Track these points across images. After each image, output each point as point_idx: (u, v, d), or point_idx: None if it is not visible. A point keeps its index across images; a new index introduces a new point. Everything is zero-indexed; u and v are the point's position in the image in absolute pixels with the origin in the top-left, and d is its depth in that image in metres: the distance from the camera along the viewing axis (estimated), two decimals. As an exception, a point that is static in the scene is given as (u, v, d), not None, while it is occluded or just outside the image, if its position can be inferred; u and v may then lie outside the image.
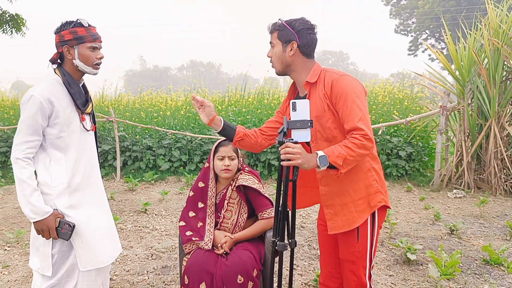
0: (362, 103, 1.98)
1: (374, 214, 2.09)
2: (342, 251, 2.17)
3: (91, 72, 2.28)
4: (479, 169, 7.20)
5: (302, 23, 2.10)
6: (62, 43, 2.19)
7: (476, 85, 6.98)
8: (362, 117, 1.93)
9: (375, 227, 2.10)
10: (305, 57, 2.13)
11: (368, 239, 2.09)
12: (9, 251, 4.26)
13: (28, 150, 2.12)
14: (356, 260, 2.10)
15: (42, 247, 2.20)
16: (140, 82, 42.78)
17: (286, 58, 2.12)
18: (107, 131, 9.13)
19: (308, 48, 2.11)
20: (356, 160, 1.92)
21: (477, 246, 4.34)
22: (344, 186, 2.08)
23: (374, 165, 2.10)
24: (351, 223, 2.06)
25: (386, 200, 2.11)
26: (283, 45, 2.11)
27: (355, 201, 2.06)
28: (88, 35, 2.21)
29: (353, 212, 2.06)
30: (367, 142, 1.89)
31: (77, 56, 2.20)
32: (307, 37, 2.09)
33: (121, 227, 5.06)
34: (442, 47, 30.80)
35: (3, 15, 8.22)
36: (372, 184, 2.07)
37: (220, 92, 13.22)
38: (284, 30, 2.10)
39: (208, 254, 2.58)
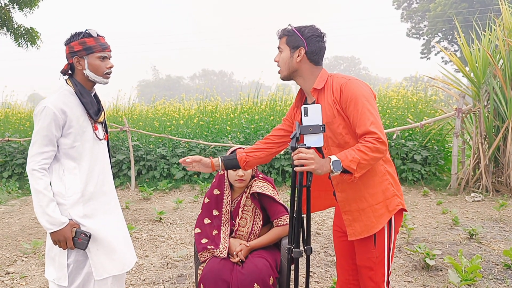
0: (373, 106, 1.96)
1: (391, 219, 2.06)
2: (360, 257, 2.13)
3: (101, 82, 2.29)
4: (497, 172, 7.08)
5: (312, 30, 2.10)
6: (72, 54, 2.21)
7: (492, 87, 6.88)
8: (374, 121, 1.91)
9: (392, 232, 2.07)
10: (312, 64, 2.12)
11: (386, 244, 2.05)
12: (26, 262, 4.30)
13: (44, 161, 2.13)
14: (374, 266, 2.07)
15: (57, 257, 2.20)
16: (153, 92, 43.18)
17: (293, 64, 2.11)
18: (121, 141, 9.20)
19: (316, 56, 2.10)
20: (370, 164, 1.89)
21: (497, 250, 4.24)
22: (360, 191, 2.05)
23: (388, 169, 2.08)
24: (369, 228, 2.03)
25: (403, 203, 2.08)
26: (291, 50, 2.11)
27: (373, 206, 2.03)
28: (97, 45, 2.22)
29: (371, 217, 2.03)
30: (381, 145, 1.87)
31: (87, 66, 2.22)
32: (315, 44, 2.08)
33: (136, 236, 5.07)
34: (455, 49, 30.53)
35: (18, 29, 8.38)
36: (388, 188, 2.04)
37: (233, 100, 13.28)
38: (293, 36, 2.10)
39: (223, 262, 2.56)
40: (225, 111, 10.36)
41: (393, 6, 35.64)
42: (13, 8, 8.36)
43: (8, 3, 8.29)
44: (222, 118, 9.82)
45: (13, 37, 8.39)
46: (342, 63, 72.91)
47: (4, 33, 8.39)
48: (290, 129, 2.34)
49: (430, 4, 30.94)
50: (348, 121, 2.01)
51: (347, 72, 70.74)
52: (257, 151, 2.39)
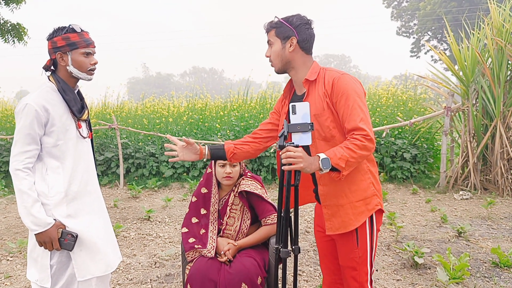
0: (363, 103, 1.94)
1: (372, 217, 2.04)
2: (342, 257, 2.11)
3: (85, 78, 2.23)
4: (485, 170, 7.13)
5: (299, 18, 2.07)
6: (55, 49, 2.14)
7: (481, 85, 6.93)
8: (363, 118, 1.89)
9: (373, 231, 2.05)
10: (304, 52, 2.09)
11: (368, 243, 2.04)
12: (12, 261, 4.23)
13: (28, 160, 2.07)
14: (357, 266, 2.05)
15: (40, 258, 2.15)
16: (142, 89, 42.91)
17: (286, 55, 2.07)
18: (109, 138, 9.11)
19: (307, 43, 2.07)
20: (358, 161, 1.88)
21: (485, 248, 4.26)
22: (341, 186, 2.02)
23: (371, 168, 2.06)
24: (347, 225, 2.01)
25: (382, 204, 2.08)
26: (282, 41, 2.07)
27: (352, 203, 2.01)
28: (81, 41, 2.16)
29: (349, 214, 2.01)
30: (368, 143, 1.85)
31: (70, 62, 2.16)
32: (305, 32, 2.05)
33: (124, 235, 5.01)
34: (444, 48, 30.73)
35: (5, 24, 8.23)
36: (369, 186, 2.03)
37: (223, 97, 13.22)
38: (282, 27, 2.06)
39: (211, 262, 2.53)
40: (215, 108, 10.31)
41: (383, 5, 35.78)
42: (-1, 3, 8.22)
43: (-7, -2, 8.15)
44: (212, 116, 9.77)
45: (0, 33, 8.25)
46: (333, 61, 73.13)
47: (-10, 29, 8.25)
48: (277, 123, 2.30)
49: (420, 3, 31.12)
50: (336, 116, 1.98)
51: (337, 70, 70.97)
52: (245, 144, 2.35)
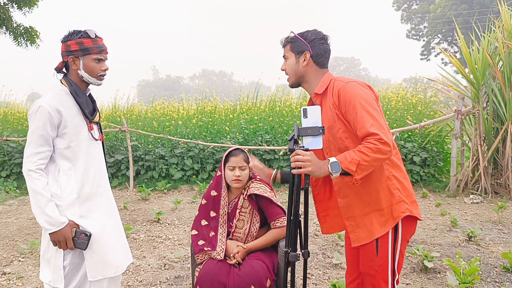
0: (372, 107, 1.90)
1: (397, 226, 1.98)
2: (362, 264, 2.09)
3: (95, 83, 2.28)
4: (496, 174, 7.07)
5: (314, 33, 2.09)
6: (68, 53, 2.18)
7: (491, 88, 6.87)
8: (374, 122, 1.85)
9: (397, 240, 1.99)
10: (318, 67, 2.10)
11: (390, 253, 1.98)
12: (23, 262, 4.28)
13: (40, 161, 2.11)
14: (376, 274, 2.01)
15: (53, 259, 2.18)
16: (152, 92, 43.15)
17: (300, 69, 2.10)
18: (119, 141, 9.18)
19: (321, 58, 2.09)
20: (372, 165, 1.83)
21: (496, 253, 4.23)
22: (361, 196, 2.00)
23: (395, 173, 2.00)
24: (372, 234, 1.98)
25: (412, 209, 1.98)
26: (296, 56, 2.11)
27: (376, 211, 1.98)
28: (94, 47, 2.20)
29: (374, 223, 1.98)
30: (383, 146, 1.80)
31: (82, 67, 2.20)
32: (319, 47, 2.07)
33: (134, 237, 5.05)
34: (455, 51, 30.54)
35: (18, 28, 8.36)
36: (393, 193, 1.97)
37: (232, 100, 13.26)
38: (297, 42, 2.10)
39: (220, 264, 2.55)
40: (224, 111, 10.35)
41: (393, 8, 35.66)
42: (12, 7, 8.35)
43: (7, 2, 8.28)
44: (221, 119, 9.80)
45: (12, 36, 8.38)
46: (342, 63, 72.92)
47: (4, 32, 8.38)
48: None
49: (430, 6, 30.96)
50: (348, 126, 1.97)
51: (346, 73, 70.77)
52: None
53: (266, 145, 8.05)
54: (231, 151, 2.77)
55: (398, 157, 2.04)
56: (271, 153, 8.21)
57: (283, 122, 8.85)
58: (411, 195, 2.03)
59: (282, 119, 8.94)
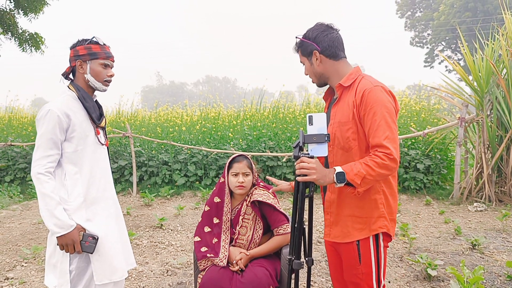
0: (392, 120, 1.86)
1: (378, 236, 1.97)
2: (346, 273, 2.07)
3: (100, 88, 2.32)
4: (500, 182, 7.04)
5: (315, 28, 2.07)
6: (76, 57, 2.25)
7: (495, 96, 6.86)
8: (390, 135, 1.82)
9: (380, 249, 1.99)
10: (333, 59, 2.05)
11: (373, 261, 1.98)
12: (26, 267, 4.28)
13: (49, 165, 2.13)
14: (360, 282, 2.00)
15: (59, 263, 2.19)
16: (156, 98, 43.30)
17: (317, 69, 2.08)
18: (123, 146, 9.21)
19: (332, 49, 2.03)
20: (376, 179, 1.82)
21: (500, 261, 4.20)
22: (349, 198, 1.99)
23: (385, 189, 1.98)
24: (345, 236, 1.99)
25: (389, 228, 1.97)
26: (308, 59, 2.09)
27: (354, 217, 1.97)
28: (102, 52, 2.27)
29: (349, 226, 1.98)
30: (390, 163, 1.78)
31: (88, 70, 2.26)
32: (325, 40, 2.03)
33: (136, 243, 5.05)
34: (458, 58, 30.54)
35: (23, 34, 8.42)
36: (378, 207, 1.95)
37: (236, 106, 13.29)
38: (303, 44, 2.09)
39: (223, 271, 2.54)
40: (227, 117, 10.37)
41: (396, 15, 35.75)
42: (18, 13, 8.42)
43: (13, 9, 8.34)
44: (224, 125, 9.82)
45: (18, 42, 8.44)
46: (346, 70, 72.88)
47: (9, 38, 8.44)
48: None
49: (434, 13, 31.03)
50: (360, 128, 1.93)
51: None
52: None
53: (269, 152, 8.06)
54: (234, 158, 2.77)
55: (393, 174, 2.00)
56: (274, 159, 8.21)
57: (287, 128, 8.85)
58: (393, 213, 2.02)
59: (286, 126, 8.95)
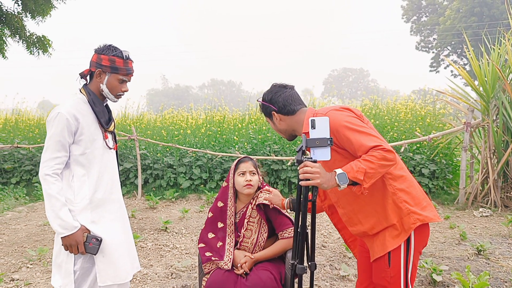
0: (360, 126, 1.94)
1: (409, 237, 1.98)
2: (375, 274, 2.10)
3: (112, 100, 2.36)
4: (506, 187, 7.00)
5: (270, 91, 2.21)
6: (98, 65, 2.25)
7: (501, 101, 6.84)
8: (369, 138, 1.89)
9: (410, 251, 2.00)
10: (291, 115, 2.17)
11: (402, 264, 1.99)
12: (31, 269, 4.30)
13: (57, 166, 2.17)
14: (388, 285, 2.02)
15: (64, 264, 2.22)
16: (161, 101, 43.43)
17: (280, 127, 2.23)
18: (128, 149, 9.25)
19: (287, 107, 2.16)
20: (378, 172, 1.83)
21: (506, 267, 4.18)
22: (363, 204, 2.02)
23: (399, 186, 1.99)
24: (385, 248, 2.00)
25: (423, 218, 1.96)
26: (270, 119, 2.24)
27: (390, 227, 1.99)
28: (124, 68, 2.28)
29: (386, 236, 2.00)
30: (387, 154, 1.82)
31: (105, 82, 2.28)
32: (278, 100, 2.16)
33: (141, 246, 5.06)
34: (464, 63, 30.45)
35: (31, 37, 8.49)
36: (400, 207, 1.97)
37: (241, 110, 13.30)
38: (263, 107, 2.25)
39: (227, 274, 2.55)
40: (233, 121, 10.39)
41: (402, 19, 35.72)
42: (25, 16, 8.48)
43: (21, 12, 8.41)
44: (229, 128, 9.84)
45: (25, 45, 8.50)
46: (351, 75, 72.97)
47: (17, 41, 8.51)
48: None
49: (440, 18, 30.98)
50: (344, 152, 2.00)
51: (355, 84, 70.71)
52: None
53: (274, 155, 8.06)
54: (240, 159, 2.80)
55: (400, 167, 2.03)
56: (279, 163, 8.22)
57: (292, 132, 8.85)
58: (421, 201, 2.02)
59: (291, 130, 8.94)
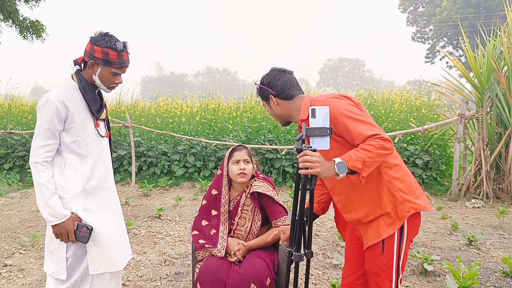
0: (359, 115, 1.94)
1: (403, 226, 2.01)
2: (367, 262, 2.11)
3: (105, 90, 2.32)
4: (498, 179, 7.06)
5: (269, 74, 2.19)
6: (91, 56, 2.18)
7: (496, 93, 6.86)
8: (367, 126, 1.89)
9: (403, 239, 2.02)
10: (288, 100, 2.16)
11: (395, 252, 2.01)
12: (24, 255, 4.30)
13: (47, 154, 2.14)
14: (380, 272, 2.04)
15: (56, 250, 2.21)
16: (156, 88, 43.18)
17: (276, 112, 2.21)
18: (122, 136, 9.21)
19: (285, 92, 2.14)
20: (376, 161, 1.84)
21: (496, 257, 4.23)
22: (359, 192, 2.04)
23: (394, 174, 2.01)
24: (379, 235, 2.02)
25: (417, 206, 1.99)
26: (267, 103, 2.22)
27: (384, 215, 2.01)
28: (117, 62, 2.19)
29: (381, 224, 2.01)
30: (385, 143, 1.84)
31: (98, 74, 2.22)
32: (277, 84, 2.14)
33: (135, 233, 5.07)
34: (460, 54, 30.46)
35: (24, 21, 8.38)
36: (395, 195, 1.99)
37: (236, 98, 13.26)
38: (261, 90, 2.22)
39: (221, 261, 2.56)
40: (227, 109, 10.36)
41: (399, 10, 35.63)
42: (18, 0, 8.36)
43: (14, -5, 8.29)
44: (224, 117, 9.81)
45: (19, 30, 8.39)
46: (346, 65, 72.84)
47: (10, 26, 8.40)
48: None
49: (436, 9, 30.90)
50: (341, 140, 2.00)
51: (350, 74, 70.66)
52: (323, 195, 2.45)
53: (269, 144, 8.06)
54: (235, 147, 2.80)
55: (395, 155, 2.05)
56: (273, 152, 8.22)
57: (286, 121, 8.84)
58: (415, 190, 2.05)
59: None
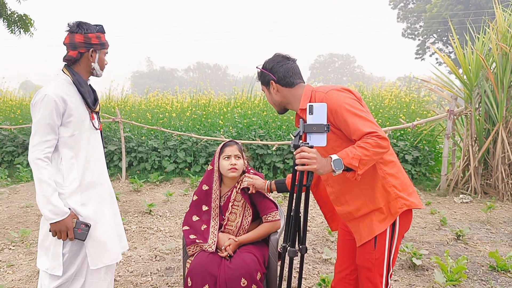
0: (360, 110, 1.95)
1: (395, 221, 2.03)
2: (359, 257, 2.13)
3: (100, 75, 2.37)
4: (486, 174, 7.15)
5: (272, 59, 2.17)
6: (88, 45, 2.22)
7: (484, 90, 6.93)
8: (366, 123, 1.90)
9: (394, 235, 2.04)
10: (289, 88, 2.15)
11: (386, 247, 2.04)
12: (14, 250, 4.27)
13: (48, 150, 2.13)
14: (372, 267, 2.06)
15: (52, 247, 2.20)
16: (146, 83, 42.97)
17: (275, 98, 2.19)
18: (113, 131, 9.16)
19: (287, 79, 2.13)
20: (372, 159, 1.86)
21: (483, 252, 4.29)
22: (352, 186, 2.05)
23: (388, 171, 2.03)
24: (372, 232, 2.04)
25: (409, 203, 2.01)
26: (266, 88, 2.21)
27: (375, 210, 2.03)
28: (106, 42, 2.32)
29: (373, 220, 2.03)
30: (382, 141, 1.85)
31: (97, 60, 2.28)
32: (280, 70, 2.13)
33: (125, 228, 5.06)
34: (449, 51, 30.68)
35: (12, 15, 8.27)
36: (389, 191, 2.01)
37: (226, 94, 13.26)
38: (262, 75, 2.20)
39: (211, 256, 2.57)
40: (218, 105, 10.35)
41: (389, 6, 35.73)
42: (6, -6, 8.26)
43: (1, -11, 8.18)
44: (215, 112, 9.80)
45: (6, 24, 8.29)
46: (337, 60, 72.97)
47: (-3, 20, 8.29)
48: None
49: (426, 5, 31.06)
50: (339, 133, 2.00)
51: (341, 70, 70.81)
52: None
53: (260, 140, 8.07)
54: (226, 143, 2.80)
55: (390, 152, 2.07)
56: (264, 147, 8.23)
57: (277, 117, 8.86)
58: (408, 187, 2.07)
59: (276, 114, 8.94)
